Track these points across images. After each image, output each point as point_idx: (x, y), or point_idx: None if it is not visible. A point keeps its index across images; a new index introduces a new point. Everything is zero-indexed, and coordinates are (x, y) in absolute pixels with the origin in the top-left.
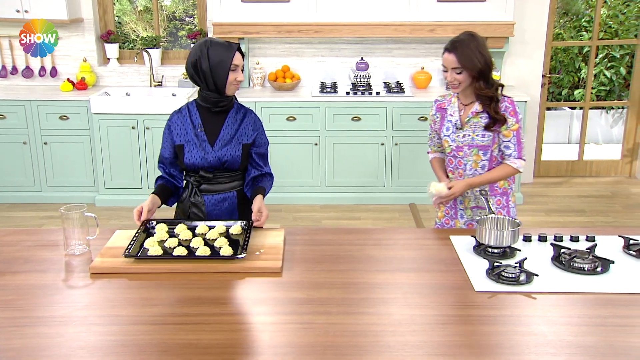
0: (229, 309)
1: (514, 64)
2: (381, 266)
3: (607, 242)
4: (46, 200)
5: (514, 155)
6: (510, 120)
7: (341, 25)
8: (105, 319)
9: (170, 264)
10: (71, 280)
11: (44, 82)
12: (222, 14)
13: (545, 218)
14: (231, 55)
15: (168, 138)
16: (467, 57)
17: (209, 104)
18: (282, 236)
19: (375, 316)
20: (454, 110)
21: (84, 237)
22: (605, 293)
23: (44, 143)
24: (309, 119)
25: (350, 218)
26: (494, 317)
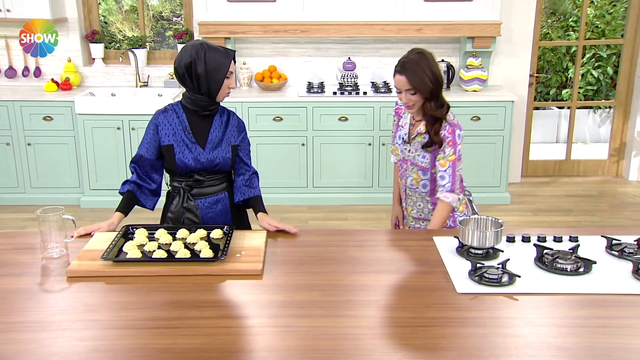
0: (208, 312)
1: (501, 64)
2: (363, 268)
3: (591, 243)
4: (30, 202)
5: (447, 188)
6: (447, 151)
7: (328, 25)
8: (80, 323)
9: (149, 267)
10: (47, 284)
11: (28, 83)
12: (208, 14)
13: (533, 218)
14: (228, 62)
15: (153, 138)
16: (419, 77)
17: (197, 107)
18: (263, 238)
19: (356, 319)
20: (406, 122)
21: (62, 239)
22: (586, 294)
23: (27, 144)
24: (296, 119)
25: (338, 219)
26: (475, 319)
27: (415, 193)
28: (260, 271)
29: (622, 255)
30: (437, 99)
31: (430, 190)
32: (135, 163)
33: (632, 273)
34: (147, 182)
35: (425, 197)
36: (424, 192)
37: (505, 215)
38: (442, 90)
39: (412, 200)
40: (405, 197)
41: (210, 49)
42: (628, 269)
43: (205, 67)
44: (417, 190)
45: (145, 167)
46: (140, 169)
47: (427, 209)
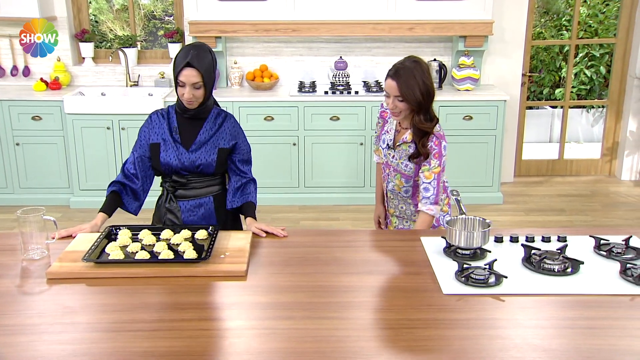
0: (189, 314)
1: (493, 63)
2: (349, 269)
3: (579, 243)
4: (19, 203)
5: (431, 200)
6: (433, 162)
7: (319, 24)
8: (58, 326)
9: (132, 269)
10: (26, 287)
11: (17, 82)
12: (199, 13)
13: (525, 217)
14: (177, 69)
15: (145, 135)
16: (410, 87)
17: (180, 109)
18: (248, 239)
19: (340, 321)
20: (391, 128)
21: (43, 241)
22: (573, 294)
23: (16, 144)
24: (287, 118)
25: (329, 219)
26: (461, 320)
27: (397, 196)
28: (244, 272)
29: (610, 255)
30: (426, 111)
31: (412, 195)
32: (128, 161)
33: (619, 273)
34: (132, 180)
35: (407, 200)
36: (406, 196)
37: (498, 215)
38: (432, 104)
39: (393, 203)
40: (387, 199)
41: (179, 52)
42: (616, 269)
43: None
44: (399, 194)
45: (135, 163)
46: (130, 167)
47: (410, 211)
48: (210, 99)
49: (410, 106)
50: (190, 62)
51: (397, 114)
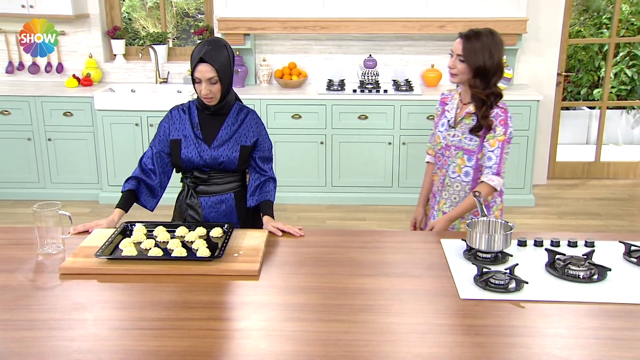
0: (198, 313)
1: (527, 62)
2: (364, 270)
3: (608, 248)
4: (50, 197)
5: (493, 170)
6: (498, 130)
7: (348, 22)
8: (66, 322)
9: (144, 266)
10: (39, 281)
11: (50, 78)
12: (228, 10)
13: (557, 221)
14: (193, 66)
15: (165, 131)
16: (474, 50)
17: (201, 105)
18: (264, 237)
19: (350, 324)
20: (453, 106)
21: (58, 236)
22: (599, 303)
23: (48, 139)
24: (315, 117)
25: (355, 219)
26: (477, 327)
27: (455, 183)
28: (257, 272)
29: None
30: (486, 80)
31: (472, 179)
32: (146, 156)
33: None
34: (149, 176)
35: (466, 188)
36: (465, 182)
37: (529, 218)
38: (498, 79)
39: (448, 193)
40: (441, 189)
41: (196, 49)
42: None
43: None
44: (458, 179)
45: (153, 158)
46: (148, 163)
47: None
48: (230, 95)
49: (470, 69)
50: (204, 58)
51: (454, 75)
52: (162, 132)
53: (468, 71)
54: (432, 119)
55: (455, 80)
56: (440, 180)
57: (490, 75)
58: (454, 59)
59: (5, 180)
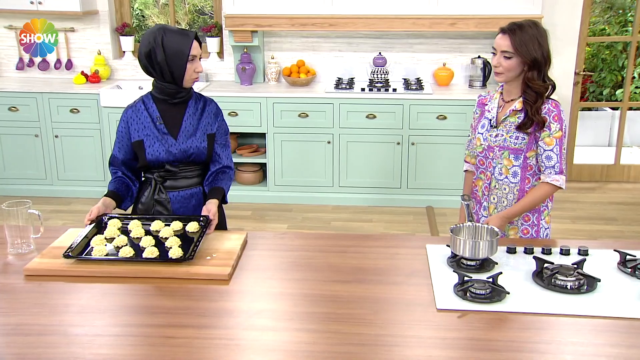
0: (158, 319)
1: None
2: (341, 277)
3: (602, 257)
4: (57, 194)
5: (556, 169)
6: (553, 126)
7: (357, 19)
8: (17, 328)
9: (111, 267)
10: (1, 283)
11: (59, 75)
12: (235, 7)
13: (571, 226)
14: (188, 44)
15: (124, 136)
16: (523, 42)
17: (166, 95)
18: (241, 240)
19: (314, 334)
20: (493, 106)
21: (29, 235)
22: (585, 316)
23: (55, 136)
24: (322, 115)
25: (362, 220)
26: (451, 339)
27: (502, 185)
28: (228, 276)
29: (635, 273)
30: (540, 71)
31: (520, 179)
32: (112, 165)
33: None
34: (133, 184)
35: (514, 190)
36: (513, 183)
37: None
38: (549, 69)
39: (497, 197)
40: (487, 194)
41: (168, 33)
42: (639, 289)
43: (164, 53)
44: (505, 181)
45: (120, 167)
46: (117, 170)
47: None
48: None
49: (521, 62)
50: (197, 36)
51: (500, 74)
52: (123, 138)
53: (518, 67)
54: (442, 118)
55: (501, 79)
56: (486, 185)
57: (544, 66)
58: (499, 57)
59: (13, 177)
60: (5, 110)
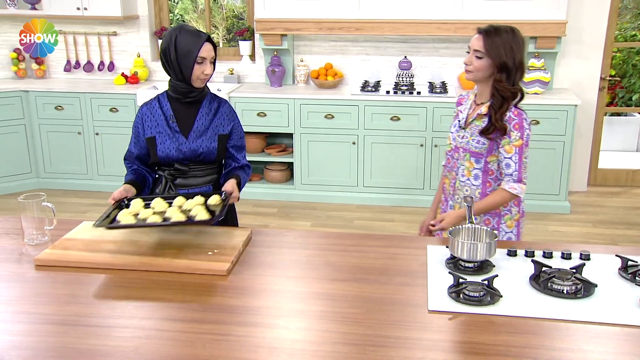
0: (148, 312)
1: (568, 65)
2: (338, 275)
3: (603, 262)
4: (96, 189)
5: (514, 177)
6: (513, 135)
7: (383, 23)
8: (19, 316)
9: (115, 259)
10: (11, 272)
11: (102, 76)
12: (266, 11)
13: (592, 230)
14: (198, 46)
15: (139, 132)
16: (495, 45)
17: (179, 94)
18: (244, 236)
19: (301, 332)
20: (466, 107)
21: (43, 227)
22: (579, 322)
23: (95, 134)
24: (348, 117)
25: (384, 220)
26: (440, 341)
27: (464, 187)
28: (226, 271)
29: (635, 279)
30: (509, 76)
31: (482, 182)
32: (127, 159)
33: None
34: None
35: (476, 192)
36: (475, 186)
37: (562, 225)
38: (520, 79)
39: (460, 197)
40: (452, 194)
41: (182, 33)
42: (637, 296)
43: (176, 52)
44: (467, 182)
45: (134, 162)
46: (132, 165)
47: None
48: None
49: (491, 64)
50: (210, 38)
51: (470, 72)
52: (137, 132)
53: (486, 68)
54: None
55: (470, 78)
56: (452, 184)
57: (514, 72)
58: (471, 56)
59: (57, 172)
60: (52, 109)
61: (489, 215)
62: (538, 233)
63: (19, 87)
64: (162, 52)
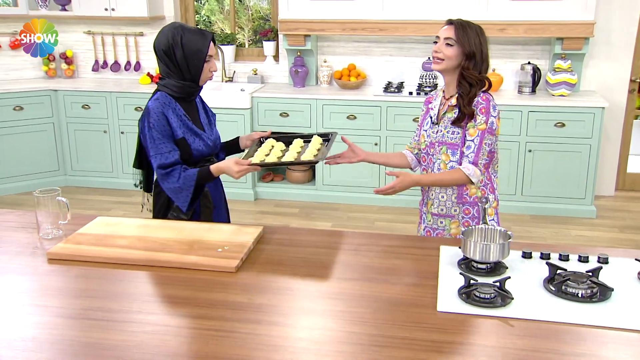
0: (153, 307)
1: (596, 67)
2: (347, 274)
3: (622, 266)
4: (120, 187)
5: (470, 159)
6: (479, 118)
7: (407, 24)
8: (28, 308)
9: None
10: (24, 265)
11: (129, 76)
12: (289, 12)
13: (618, 235)
14: (207, 44)
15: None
16: (466, 34)
17: (183, 94)
18: (255, 234)
19: (306, 330)
20: (436, 104)
21: (57, 221)
22: (593, 326)
23: (120, 132)
24: (370, 118)
25: (405, 221)
26: (447, 343)
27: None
28: (234, 268)
29: None
30: (475, 65)
31: None
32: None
33: None
34: None
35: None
36: None
37: (587, 229)
38: (485, 70)
39: (434, 192)
40: (427, 190)
41: (187, 32)
42: None
43: (183, 52)
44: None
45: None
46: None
47: (451, 202)
48: None
49: (460, 52)
50: (214, 37)
51: (440, 61)
52: (168, 138)
53: (456, 56)
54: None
55: (439, 67)
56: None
57: (480, 63)
58: (441, 44)
59: (84, 169)
60: (79, 108)
61: (468, 205)
62: (560, 237)
63: (48, 87)
64: (164, 52)
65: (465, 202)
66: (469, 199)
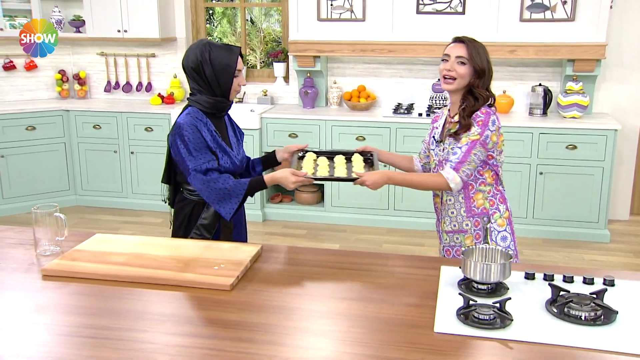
0: (144, 325)
1: (609, 90)
2: (345, 294)
3: (628, 289)
4: (130, 207)
5: (452, 164)
6: (473, 129)
7: (416, 45)
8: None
9: (124, 271)
10: (19, 282)
11: (140, 97)
12: (299, 33)
13: (632, 260)
14: (235, 59)
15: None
16: (477, 51)
17: (215, 109)
18: (253, 252)
19: (299, 350)
20: (440, 123)
21: (54, 237)
22: (595, 350)
23: (130, 152)
24: (379, 139)
25: (413, 244)
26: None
27: (448, 196)
28: (230, 286)
29: None
30: (484, 81)
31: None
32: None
33: None
34: None
35: (459, 198)
36: (458, 194)
37: (600, 254)
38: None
39: (446, 209)
40: (442, 208)
41: (215, 48)
42: None
43: (212, 68)
44: (452, 193)
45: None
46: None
47: (461, 217)
48: None
49: (472, 70)
50: (240, 52)
51: (452, 81)
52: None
53: (469, 74)
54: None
55: (452, 87)
56: (441, 200)
57: (488, 79)
58: (452, 62)
59: (93, 189)
60: (90, 128)
61: (477, 217)
62: (573, 261)
63: (60, 107)
64: (194, 70)
65: (475, 214)
66: (477, 210)
